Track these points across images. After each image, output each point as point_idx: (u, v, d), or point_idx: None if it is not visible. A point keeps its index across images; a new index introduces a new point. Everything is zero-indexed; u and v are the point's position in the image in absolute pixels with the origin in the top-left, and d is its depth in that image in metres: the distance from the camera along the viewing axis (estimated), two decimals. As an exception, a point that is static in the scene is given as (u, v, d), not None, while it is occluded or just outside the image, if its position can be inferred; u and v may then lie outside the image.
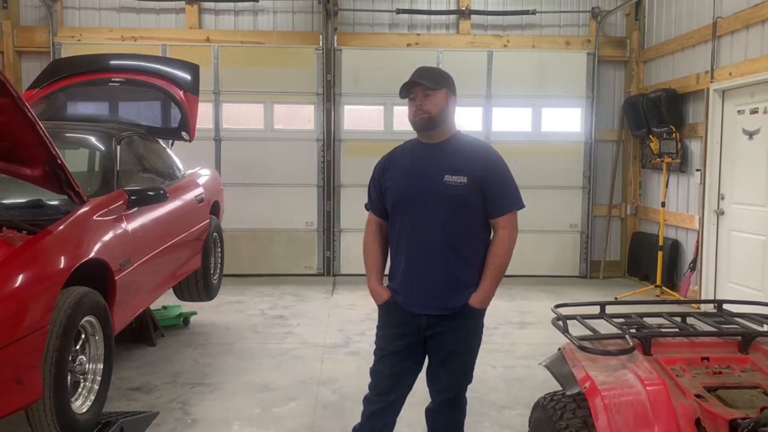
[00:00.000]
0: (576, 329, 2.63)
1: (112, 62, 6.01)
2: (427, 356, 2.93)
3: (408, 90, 2.78)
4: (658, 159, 7.68)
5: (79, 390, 3.39)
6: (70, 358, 3.19)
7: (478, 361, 2.97)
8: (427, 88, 2.75)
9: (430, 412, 3.03)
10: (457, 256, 2.76)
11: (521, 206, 2.83)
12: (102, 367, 3.53)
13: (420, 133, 2.84)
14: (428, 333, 2.81)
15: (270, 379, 4.70)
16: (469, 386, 2.98)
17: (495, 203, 2.76)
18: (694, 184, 7.21)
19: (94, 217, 3.69)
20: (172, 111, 5.64)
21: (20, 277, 2.93)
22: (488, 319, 2.99)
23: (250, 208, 8.33)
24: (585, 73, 8.55)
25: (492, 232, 2.85)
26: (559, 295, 7.42)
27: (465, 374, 2.92)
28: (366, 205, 3.03)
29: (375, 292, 2.90)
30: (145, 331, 5.42)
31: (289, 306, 6.92)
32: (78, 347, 3.35)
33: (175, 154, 5.94)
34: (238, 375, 4.78)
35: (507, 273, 2.87)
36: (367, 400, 2.95)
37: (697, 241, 7.07)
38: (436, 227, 2.74)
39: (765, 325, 2.79)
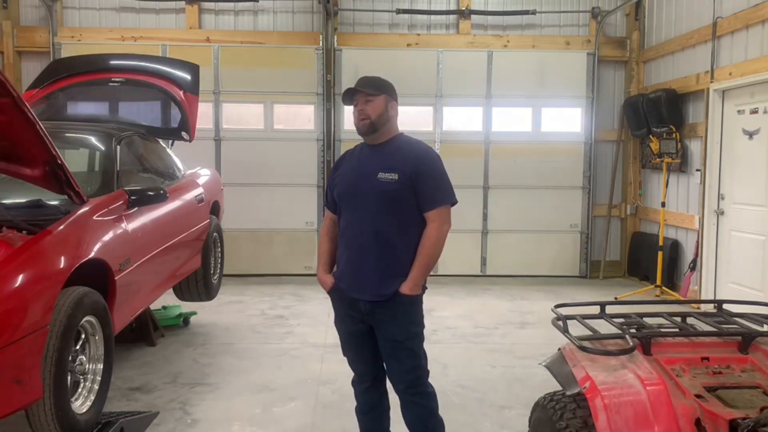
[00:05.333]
0: (576, 329, 2.64)
1: (112, 62, 6.01)
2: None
3: (350, 98, 3.01)
4: (658, 159, 7.69)
5: (79, 390, 3.39)
6: (70, 358, 3.19)
7: (478, 360, 2.99)
8: (367, 94, 2.97)
9: (402, 410, 3.09)
10: (388, 248, 2.95)
11: (452, 201, 3.02)
12: (102, 367, 3.52)
13: (364, 136, 3.05)
14: (370, 320, 3.00)
15: (270, 379, 4.70)
16: (469, 386, 2.99)
17: (425, 198, 2.95)
18: (694, 184, 7.21)
19: (94, 217, 3.69)
20: (172, 111, 5.64)
21: (20, 277, 2.92)
22: (488, 319, 3.01)
23: (250, 208, 8.33)
24: (585, 73, 8.55)
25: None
26: (559, 295, 7.42)
27: (415, 360, 3.01)
28: (324, 203, 3.27)
29: (321, 280, 3.18)
30: (145, 331, 5.42)
31: (289, 306, 6.92)
32: (78, 347, 3.35)
33: (175, 154, 5.94)
34: (238, 375, 4.78)
35: (507, 273, 2.90)
36: (354, 383, 3.23)
37: (697, 241, 7.08)
38: (370, 221, 2.95)
39: (765, 325, 2.78)
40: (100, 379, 3.50)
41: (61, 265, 3.19)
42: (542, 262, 8.53)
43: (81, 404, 3.35)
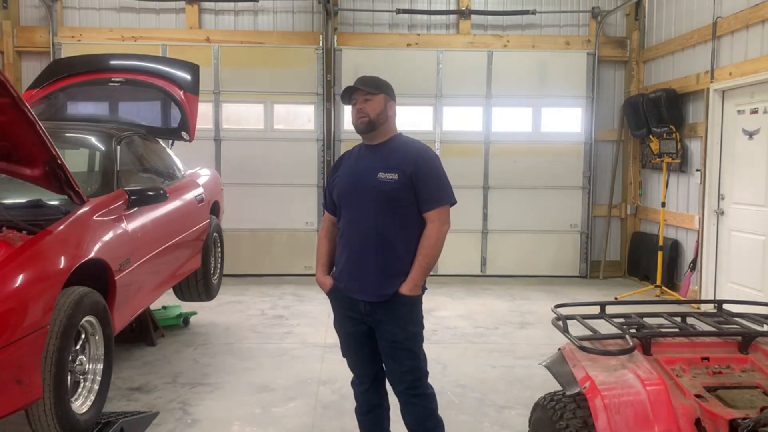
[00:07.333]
0: (576, 329, 2.64)
1: (112, 62, 6.01)
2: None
3: (349, 97, 3.03)
4: (658, 159, 7.69)
5: (79, 390, 3.39)
6: (70, 358, 3.19)
7: (478, 360, 2.99)
8: (366, 93, 2.99)
9: (401, 411, 3.09)
10: (388, 248, 2.95)
11: (452, 202, 3.03)
12: (102, 367, 3.53)
13: (362, 135, 3.06)
14: (369, 320, 3.00)
15: (270, 379, 4.70)
16: (469, 386, 2.99)
17: (425, 198, 2.96)
18: (694, 184, 7.21)
19: (94, 217, 3.69)
20: (172, 111, 5.64)
21: (20, 277, 2.92)
22: (488, 319, 3.01)
23: (250, 208, 8.34)
24: (585, 73, 8.55)
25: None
26: (559, 295, 7.42)
27: (415, 361, 3.01)
28: (323, 205, 3.30)
29: (320, 282, 3.17)
30: (145, 331, 5.42)
31: (289, 306, 6.92)
32: (78, 347, 3.35)
33: (175, 154, 5.94)
34: (238, 375, 4.78)
35: (507, 273, 2.90)
36: (354, 384, 3.22)
37: (697, 241, 7.07)
38: (370, 220, 2.96)
39: (765, 325, 2.78)
40: (100, 379, 3.50)
41: (61, 265, 3.19)
42: (542, 262, 8.53)
43: (81, 404, 3.35)
